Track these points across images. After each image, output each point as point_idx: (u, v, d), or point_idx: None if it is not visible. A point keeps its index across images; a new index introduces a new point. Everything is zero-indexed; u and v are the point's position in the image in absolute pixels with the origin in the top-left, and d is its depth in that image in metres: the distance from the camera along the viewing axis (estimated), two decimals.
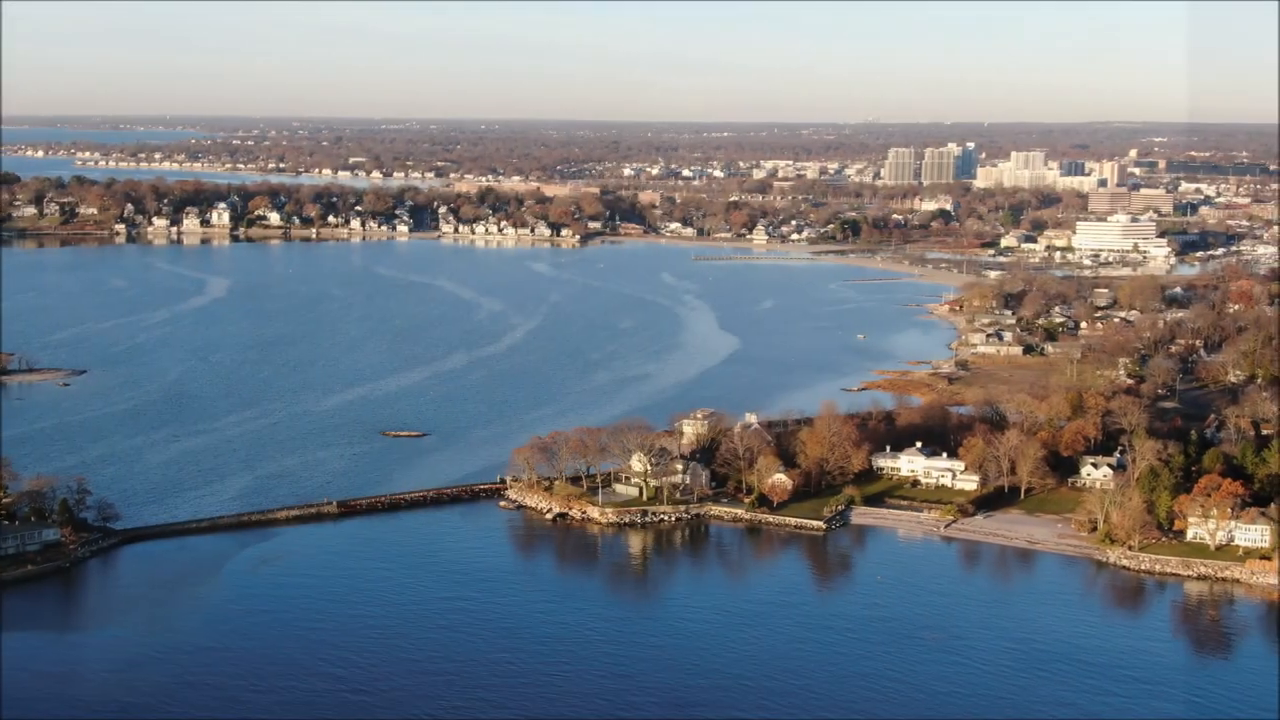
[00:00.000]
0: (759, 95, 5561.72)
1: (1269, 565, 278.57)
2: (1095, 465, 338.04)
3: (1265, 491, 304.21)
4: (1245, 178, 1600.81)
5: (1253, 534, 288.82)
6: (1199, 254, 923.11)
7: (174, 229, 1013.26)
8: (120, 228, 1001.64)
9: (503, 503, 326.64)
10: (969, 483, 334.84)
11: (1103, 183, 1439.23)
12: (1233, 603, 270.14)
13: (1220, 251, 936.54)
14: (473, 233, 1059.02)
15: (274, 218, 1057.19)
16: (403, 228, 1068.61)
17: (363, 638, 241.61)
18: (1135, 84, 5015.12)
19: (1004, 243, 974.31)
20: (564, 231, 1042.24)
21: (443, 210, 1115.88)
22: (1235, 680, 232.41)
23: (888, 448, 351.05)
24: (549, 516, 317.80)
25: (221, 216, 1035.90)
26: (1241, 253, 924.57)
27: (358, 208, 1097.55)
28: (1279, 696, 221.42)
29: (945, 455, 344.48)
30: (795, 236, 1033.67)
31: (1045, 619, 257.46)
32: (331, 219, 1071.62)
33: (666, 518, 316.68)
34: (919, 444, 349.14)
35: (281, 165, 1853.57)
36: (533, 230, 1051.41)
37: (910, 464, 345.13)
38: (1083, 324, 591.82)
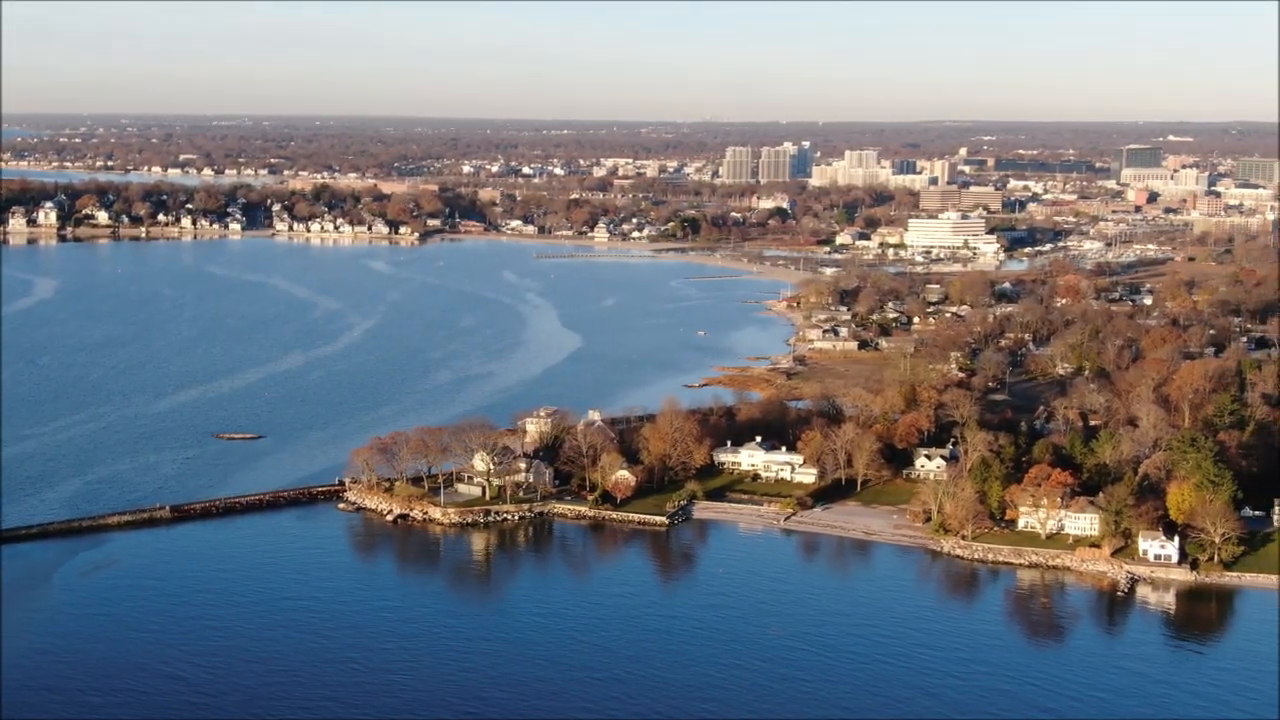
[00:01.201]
0: (598, 93, 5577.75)
1: (1098, 553, 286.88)
2: (929, 457, 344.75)
3: (1094, 481, 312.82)
4: (1071, 175, 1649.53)
5: (1082, 522, 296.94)
6: (1027, 250, 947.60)
7: None
8: None
9: (342, 505, 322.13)
10: (807, 476, 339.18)
11: (934, 181, 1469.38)
12: (1064, 589, 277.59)
13: (1048, 247, 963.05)
14: (308, 231, 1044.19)
15: (102, 217, 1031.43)
16: (235, 226, 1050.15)
17: (205, 639, 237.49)
18: (965, 82, 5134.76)
19: (839, 240, 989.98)
20: (402, 229, 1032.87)
21: (277, 208, 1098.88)
22: (1069, 660, 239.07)
23: (729, 443, 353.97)
24: (390, 518, 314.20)
25: (48, 216, 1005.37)
26: (1068, 248, 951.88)
27: (189, 206, 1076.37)
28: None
29: (784, 449, 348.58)
30: (636, 234, 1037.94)
31: (884, 608, 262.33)
32: (162, 217, 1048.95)
33: (510, 517, 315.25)
34: (759, 438, 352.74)
35: (110, 163, 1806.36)
36: (370, 228, 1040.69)
37: (751, 458, 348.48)
38: (915, 319, 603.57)
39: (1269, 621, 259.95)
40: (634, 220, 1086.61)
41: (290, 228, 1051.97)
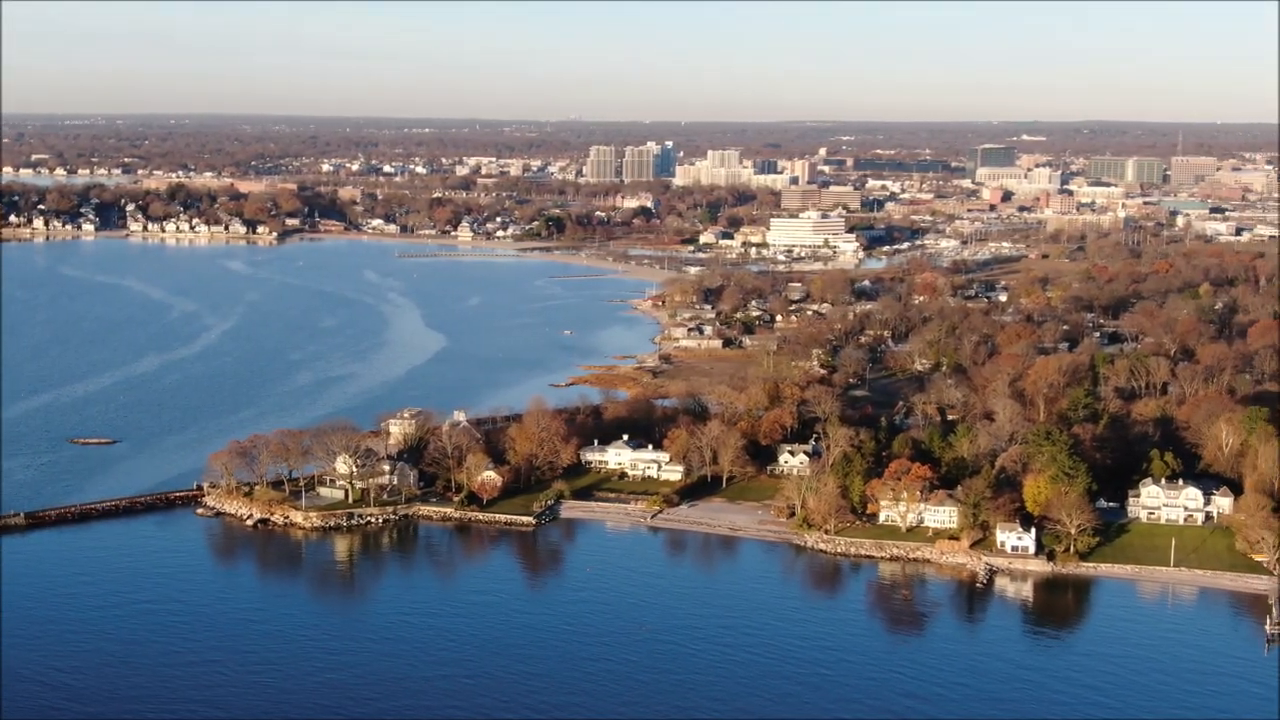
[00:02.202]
0: (459, 91, 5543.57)
1: (957, 545, 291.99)
2: (792, 453, 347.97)
3: (952, 474, 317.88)
4: (928, 174, 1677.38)
5: (941, 515, 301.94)
6: (885, 248, 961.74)
7: None
8: None
9: (200, 510, 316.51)
10: (674, 473, 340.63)
11: (794, 180, 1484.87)
12: (924, 581, 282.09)
13: (905, 246, 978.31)
14: (163, 231, 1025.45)
15: None
16: (89, 226, 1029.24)
17: (66, 643, 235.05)
18: (824, 84, 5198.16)
19: (703, 239, 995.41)
20: (260, 229, 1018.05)
21: (131, 208, 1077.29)
22: (932, 649, 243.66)
23: (596, 441, 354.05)
24: (250, 523, 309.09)
25: None
26: (925, 247, 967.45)
27: (40, 206, 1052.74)
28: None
29: (651, 447, 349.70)
30: (500, 233, 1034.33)
31: (752, 602, 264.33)
32: (13, 218, 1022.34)
33: (374, 519, 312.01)
34: (626, 437, 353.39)
35: None
36: (227, 228, 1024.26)
37: (618, 457, 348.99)
38: (778, 317, 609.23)
39: (1125, 608, 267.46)
40: (498, 219, 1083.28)
41: (145, 228, 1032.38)
